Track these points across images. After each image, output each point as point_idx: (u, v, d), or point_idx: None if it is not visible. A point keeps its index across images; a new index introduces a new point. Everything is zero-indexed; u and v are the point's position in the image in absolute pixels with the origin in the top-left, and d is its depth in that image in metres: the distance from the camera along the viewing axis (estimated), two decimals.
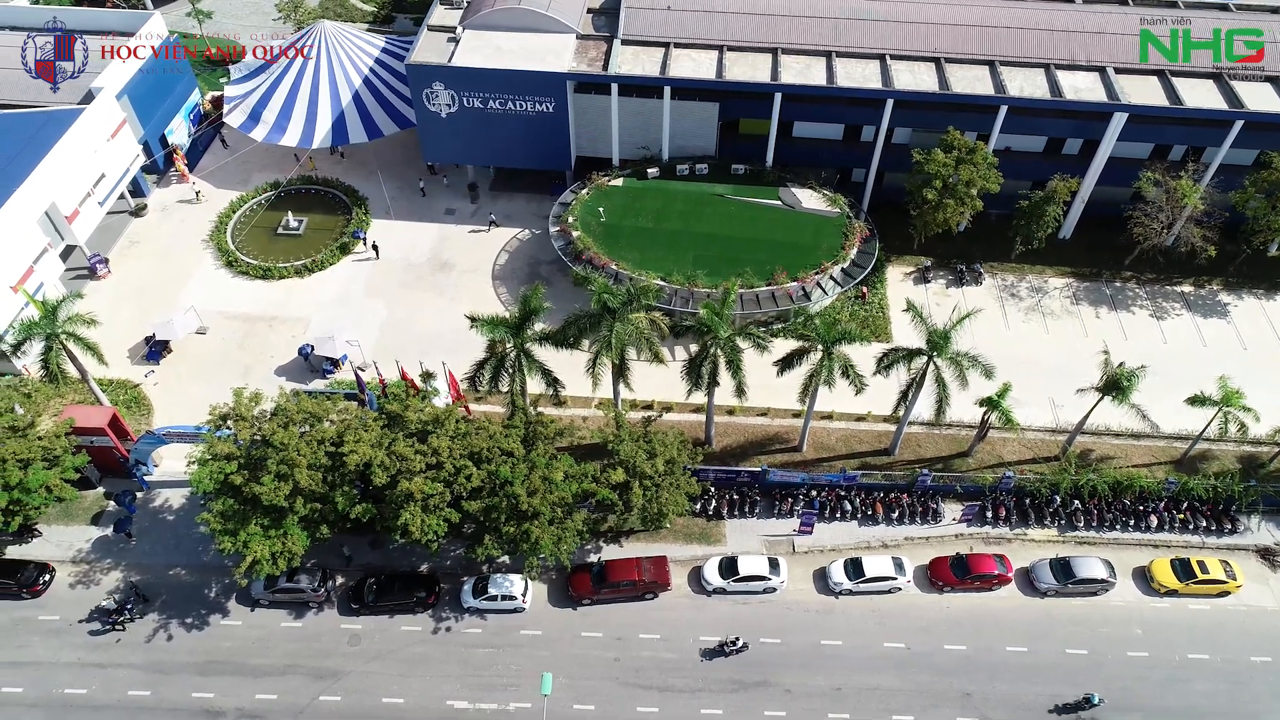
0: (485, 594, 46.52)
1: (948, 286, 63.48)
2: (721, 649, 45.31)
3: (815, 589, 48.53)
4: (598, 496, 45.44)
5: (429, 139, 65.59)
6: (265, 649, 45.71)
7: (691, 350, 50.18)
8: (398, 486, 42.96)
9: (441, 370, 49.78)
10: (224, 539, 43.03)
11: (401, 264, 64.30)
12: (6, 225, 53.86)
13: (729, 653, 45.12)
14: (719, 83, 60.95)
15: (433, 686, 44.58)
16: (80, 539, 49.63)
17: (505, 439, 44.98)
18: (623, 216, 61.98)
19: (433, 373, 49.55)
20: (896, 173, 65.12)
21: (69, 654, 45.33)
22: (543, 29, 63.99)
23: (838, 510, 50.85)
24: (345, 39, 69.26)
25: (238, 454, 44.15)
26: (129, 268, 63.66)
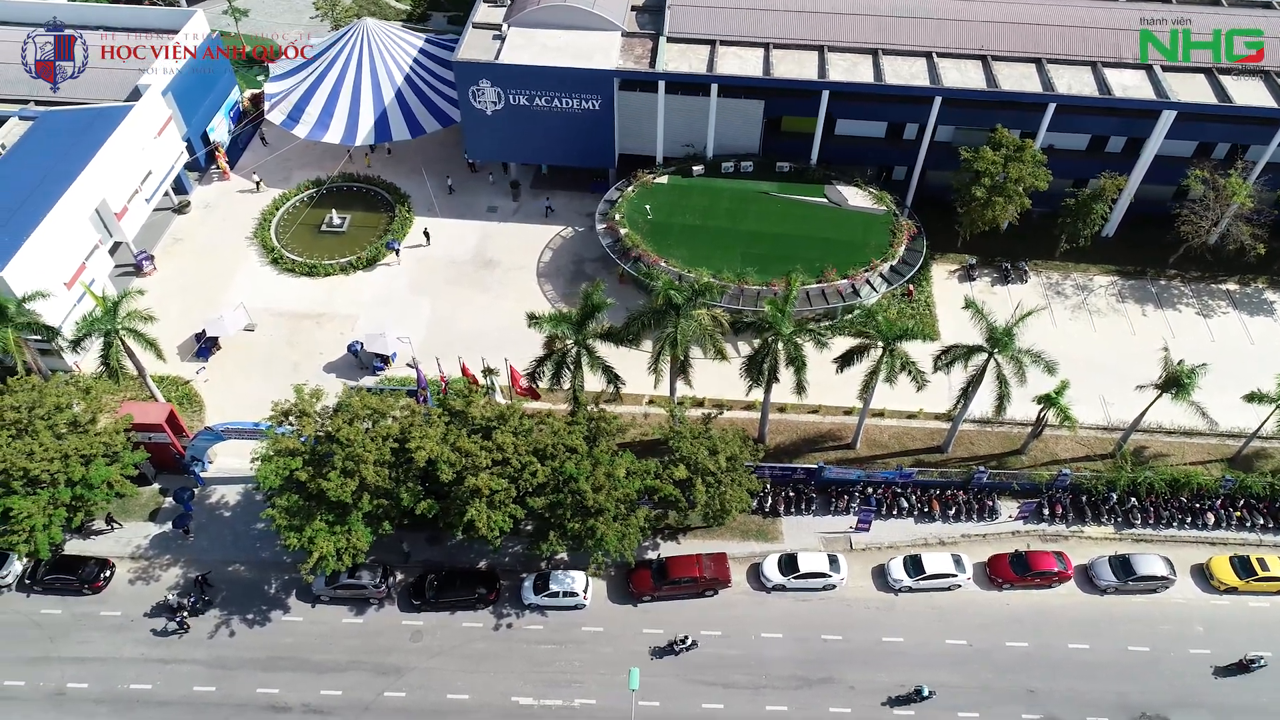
0: (547, 590, 46.51)
1: (993, 284, 63.43)
2: (671, 648, 45.11)
3: (874, 586, 48.51)
4: (660, 493, 45.41)
5: (473, 136, 65.59)
6: (328, 645, 45.72)
7: (747, 348, 50.19)
8: (464, 482, 42.95)
9: (504, 366, 49.70)
10: (289, 535, 43.03)
11: (446, 261, 64.31)
12: (61, 221, 53.93)
13: (679, 651, 44.95)
14: (767, 80, 60.95)
15: (497, 683, 44.59)
16: (138, 535, 49.67)
17: (569, 435, 45.00)
18: (669, 214, 61.97)
19: (495, 369, 49.53)
20: (938, 171, 65.30)
21: (132, 649, 45.37)
22: (588, 26, 64.00)
23: (894, 507, 50.84)
24: (387, 36, 69.29)
25: (302, 450, 44.17)
26: (174, 265, 63.70)
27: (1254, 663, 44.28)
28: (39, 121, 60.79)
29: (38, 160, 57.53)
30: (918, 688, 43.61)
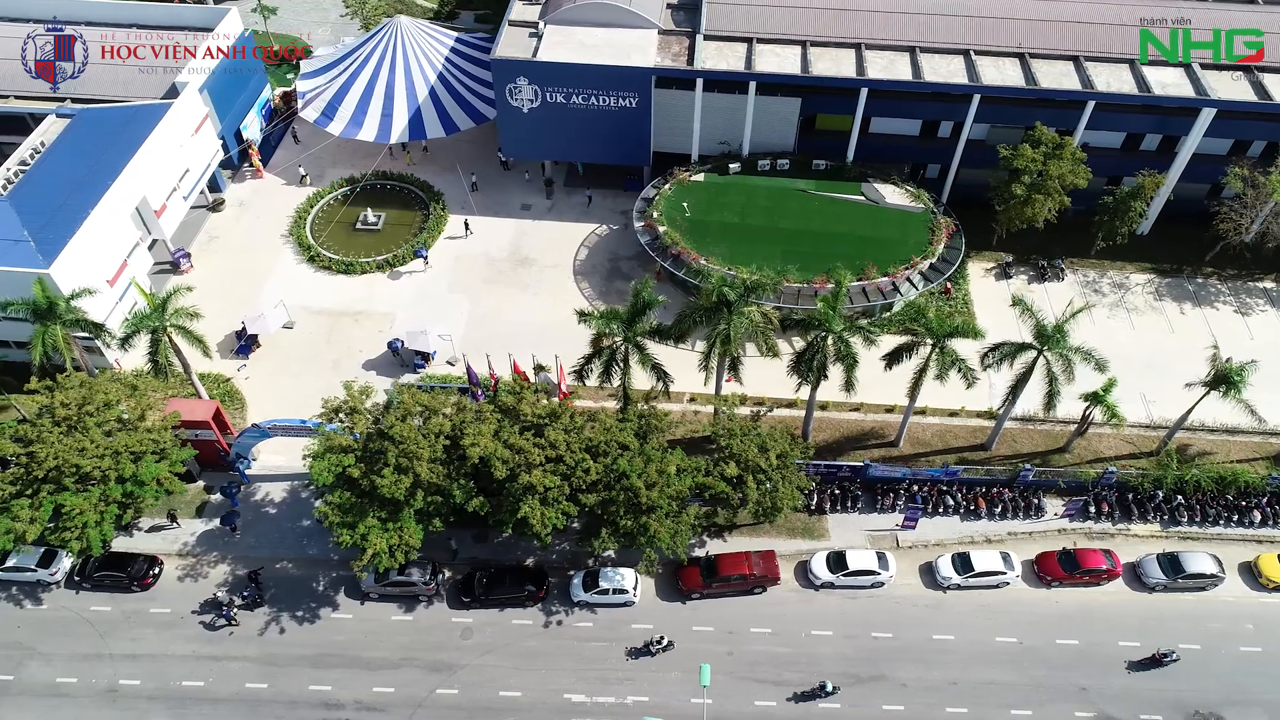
0: (597, 588, 46.48)
1: (1029, 282, 63.33)
2: (647, 648, 44.94)
3: (922, 583, 48.48)
4: (712, 490, 45.38)
5: (509, 134, 65.56)
6: (378, 642, 45.69)
7: (786, 346, 50.14)
8: (517, 479, 42.92)
9: (554, 363, 49.64)
10: (342, 532, 43.02)
11: (482, 259, 64.26)
12: (105, 218, 53.94)
13: (655, 652, 44.80)
14: (807, 78, 60.87)
15: (548, 680, 44.57)
16: (185, 532, 49.65)
17: (620, 432, 44.97)
18: (707, 212, 61.93)
19: (545, 365, 49.49)
20: (970, 168, 65.28)
21: (182, 646, 45.36)
22: (625, 24, 63.97)
23: (939, 505, 50.80)
24: (421, 34, 69.26)
25: (354, 447, 44.15)
26: (209, 263, 63.63)
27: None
28: (77, 119, 60.82)
29: (78, 157, 57.59)
30: (821, 683, 43.51)
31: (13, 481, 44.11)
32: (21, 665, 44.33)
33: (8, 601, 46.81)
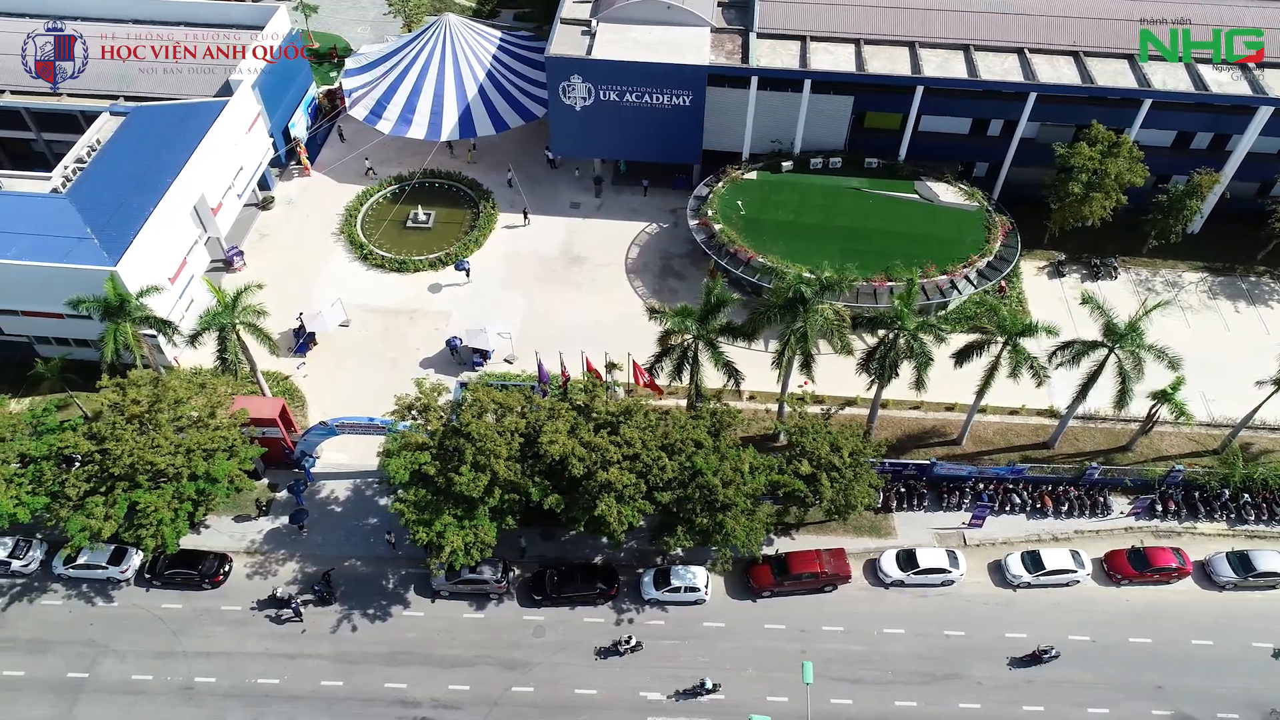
0: (668, 585, 46.43)
1: (1082, 280, 63.28)
2: (615, 648, 44.88)
3: (992, 581, 48.42)
4: (786, 488, 45.33)
5: (560, 132, 65.49)
6: (450, 640, 45.66)
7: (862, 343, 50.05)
8: (594, 477, 42.86)
9: (626, 361, 49.57)
10: (419, 529, 42.97)
11: (534, 257, 64.21)
12: (167, 216, 53.94)
13: (623, 652, 44.73)
14: (862, 76, 60.81)
15: (622, 678, 44.53)
16: (252, 530, 49.63)
17: (693, 429, 44.93)
18: (761, 210, 61.86)
19: (618, 363, 49.44)
20: (1019, 167, 65.20)
21: (255, 644, 45.33)
22: (677, 22, 63.92)
23: (1006, 503, 50.74)
24: (470, 32, 69.20)
25: (430, 444, 44.11)
26: (261, 261, 63.55)
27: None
28: (131, 117, 60.78)
29: (135, 155, 57.52)
30: (701, 680, 43.55)
31: (87, 479, 44.16)
32: (96, 663, 44.33)
33: (79, 599, 46.79)
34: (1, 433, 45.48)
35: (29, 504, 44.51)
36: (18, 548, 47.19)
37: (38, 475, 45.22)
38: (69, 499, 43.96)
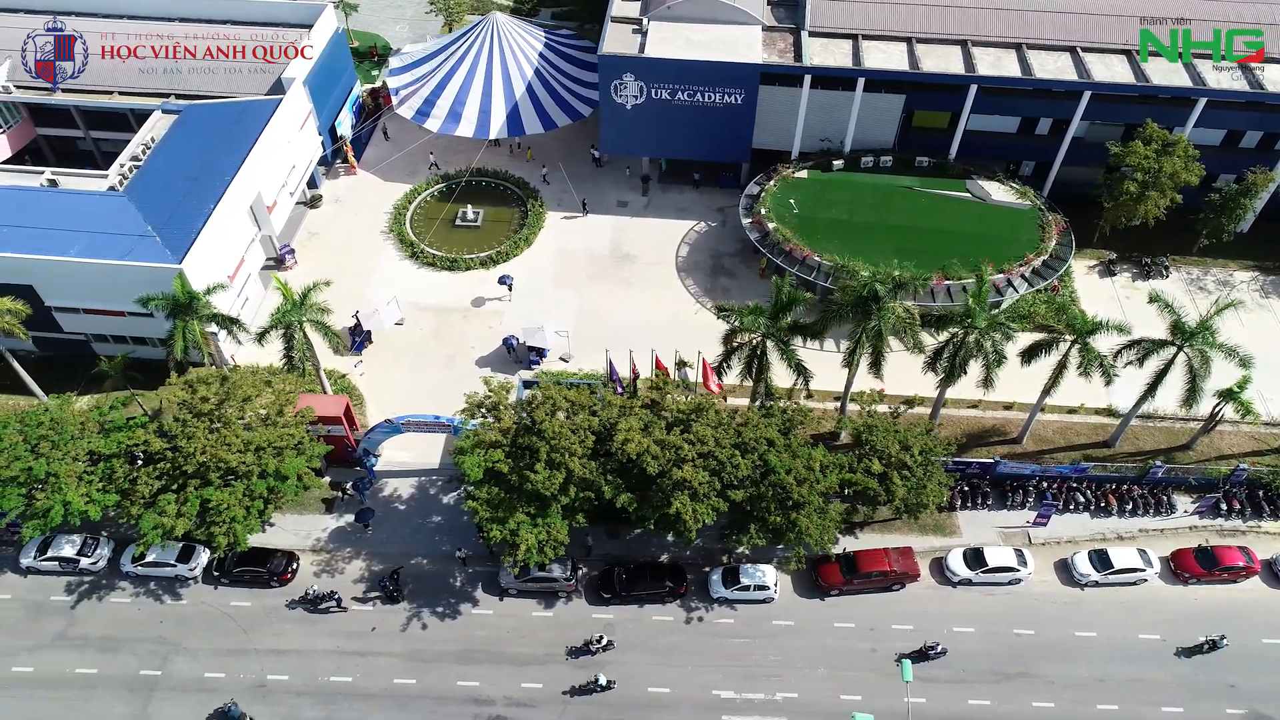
0: (738, 584, 46.38)
1: (1133, 279, 63.22)
2: (587, 647, 44.75)
3: (1059, 580, 48.36)
4: (858, 486, 45.29)
5: (610, 131, 65.44)
6: (521, 638, 45.64)
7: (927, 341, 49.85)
8: (669, 475, 42.82)
9: (696, 359, 49.49)
10: (493, 527, 42.96)
11: (584, 255, 64.19)
12: (228, 214, 53.97)
13: (594, 651, 44.65)
14: (917, 74, 60.76)
15: (694, 676, 44.49)
16: (316, 528, 49.63)
17: (765, 428, 44.90)
18: (813, 209, 61.78)
19: (688, 361, 49.39)
20: (1067, 165, 65.10)
21: (326, 641, 45.32)
22: (729, 20, 63.89)
23: (1070, 502, 50.69)
24: (517, 30, 69.16)
25: (503, 442, 44.08)
26: (311, 259, 63.50)
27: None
28: (184, 115, 60.84)
29: (190, 153, 57.60)
30: (595, 676, 43.22)
31: (159, 477, 44.18)
32: (168, 660, 44.33)
33: (147, 597, 46.80)
34: (70, 430, 45.47)
35: (100, 501, 44.63)
36: (86, 545, 47.21)
37: (108, 473, 45.28)
38: (141, 497, 44.01)
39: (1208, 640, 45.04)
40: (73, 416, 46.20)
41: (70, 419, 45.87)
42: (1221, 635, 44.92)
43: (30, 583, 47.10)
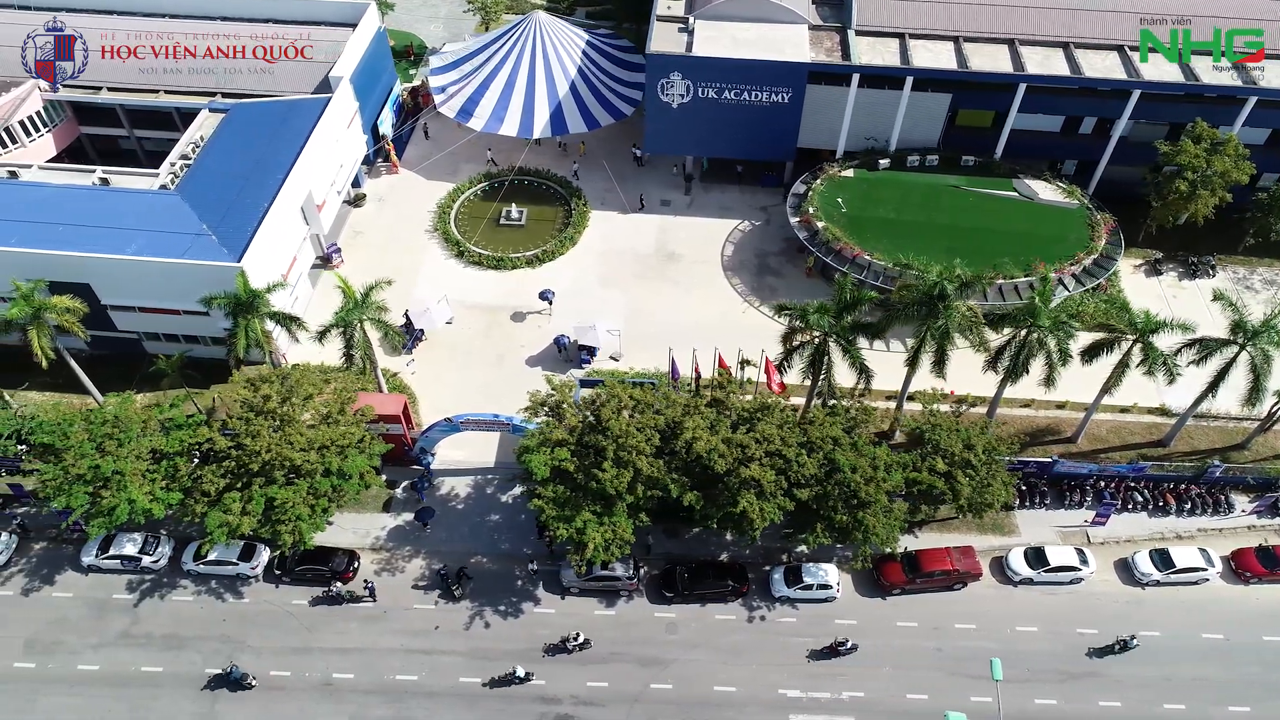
0: (800, 583, 46.34)
1: (1180, 279, 63.16)
2: (564, 645, 44.75)
3: (1119, 579, 48.31)
4: (923, 485, 45.24)
5: (655, 130, 65.38)
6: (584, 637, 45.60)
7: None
8: (736, 474, 42.79)
9: (759, 358, 49.43)
10: (559, 525, 42.93)
11: (630, 254, 64.13)
12: (282, 212, 53.97)
13: (572, 649, 44.69)
14: (965, 73, 60.72)
15: (760, 675, 44.46)
16: (375, 526, 49.62)
17: (830, 426, 44.85)
18: (861, 207, 61.70)
19: (751, 360, 49.36)
20: (1112, 165, 65.02)
21: (390, 640, 45.30)
22: (775, 19, 63.83)
23: (1128, 501, 50.64)
24: (559, 29, 69.13)
25: (569, 440, 44.05)
26: (357, 257, 63.44)
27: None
28: (232, 114, 60.85)
29: (240, 151, 57.59)
30: (512, 668, 43.23)
31: (223, 475, 44.16)
32: (233, 659, 44.25)
33: (209, 595, 46.80)
34: (135, 429, 45.45)
35: (163, 500, 44.63)
36: (147, 544, 47.21)
37: (171, 471, 45.30)
38: (205, 495, 44.03)
39: (1119, 641, 44.96)
40: (136, 415, 46.17)
41: (134, 417, 45.85)
42: (1132, 635, 44.81)
43: (91, 581, 47.11)
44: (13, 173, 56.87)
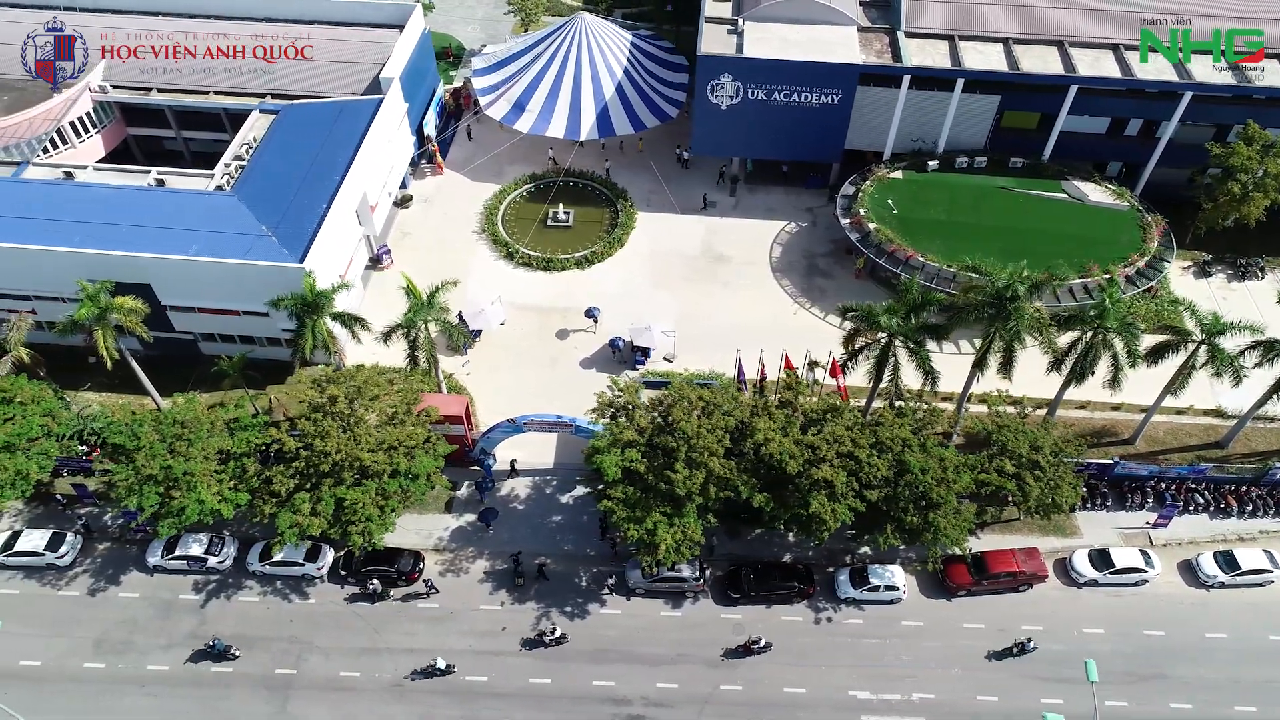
0: (866, 584, 46.34)
1: (1229, 280, 63.14)
2: (540, 639, 44.93)
3: (1183, 581, 48.28)
4: (992, 486, 45.23)
5: (703, 131, 65.40)
6: (652, 638, 45.59)
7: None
8: (808, 475, 42.80)
9: (813, 359, 49.53)
10: (630, 526, 42.95)
11: (678, 256, 64.16)
12: (341, 213, 54.04)
13: (549, 643, 44.79)
14: (1019, 75, 60.75)
15: (828, 676, 44.47)
16: (437, 527, 49.64)
17: (899, 427, 44.86)
18: (911, 209, 61.70)
19: (819, 361, 49.40)
20: (1159, 167, 65.02)
21: (457, 641, 45.31)
22: (824, 20, 63.89)
23: (1189, 503, 50.62)
24: (604, 31, 69.19)
25: (639, 441, 44.06)
26: (406, 259, 63.40)
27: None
28: (283, 115, 60.88)
29: (294, 152, 57.61)
30: (433, 660, 43.62)
31: (292, 475, 44.20)
32: (302, 659, 44.36)
33: (274, 596, 46.83)
34: (204, 430, 45.52)
35: (232, 500, 44.72)
36: (212, 544, 47.25)
37: (239, 471, 45.38)
38: (275, 496, 44.10)
39: (1016, 644, 44.90)
40: (204, 416, 46.22)
41: (202, 418, 45.92)
42: (1029, 639, 44.79)
43: (157, 581, 47.16)
44: (69, 173, 57.04)
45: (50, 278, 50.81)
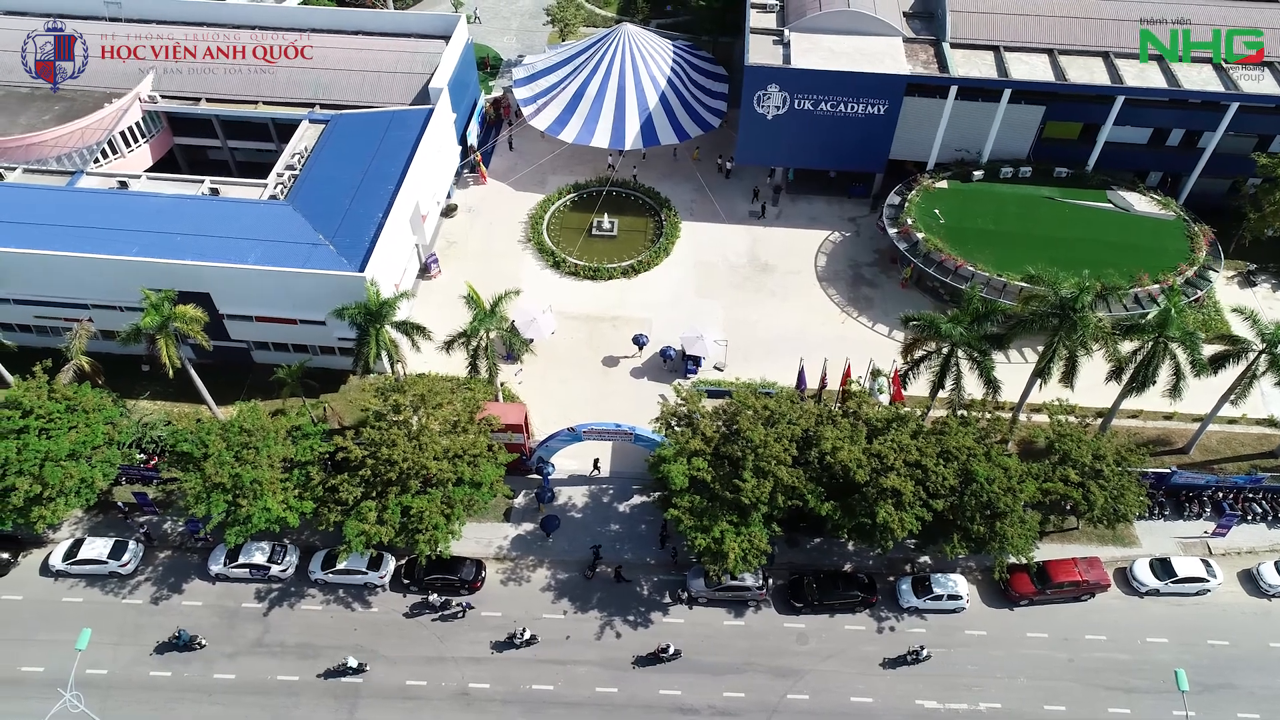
0: (930, 594, 46.34)
1: (1274, 290, 63.29)
2: (511, 641, 44.94)
3: (1244, 590, 48.25)
4: (1056, 494, 45.28)
5: (748, 141, 65.65)
6: (716, 647, 45.57)
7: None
8: (876, 483, 42.86)
9: (869, 367, 49.67)
10: (697, 535, 43.00)
11: (723, 266, 64.36)
12: (397, 222, 54.27)
13: (519, 644, 44.81)
14: (1065, 85, 61.00)
15: (894, 685, 44.41)
16: (497, 535, 49.68)
17: (963, 436, 44.94)
18: (959, 218, 61.90)
19: (882, 370, 49.51)
20: (1201, 176, 65.29)
21: (522, 650, 45.23)
22: (870, 31, 64.22)
23: (1247, 512, 50.64)
24: (647, 41, 69.55)
25: (706, 450, 44.14)
26: (453, 267, 63.72)
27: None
28: (334, 124, 61.22)
29: (347, 162, 57.91)
30: (344, 659, 43.58)
31: (359, 484, 44.28)
32: (367, 668, 44.30)
33: (337, 604, 46.85)
34: (270, 438, 45.61)
35: (297, 508, 44.82)
36: (275, 552, 47.30)
37: (304, 479, 45.48)
38: (341, 504, 44.19)
39: (910, 651, 44.97)
40: (269, 425, 46.34)
41: (268, 426, 46.03)
42: (922, 646, 44.86)
43: (219, 590, 47.20)
44: (123, 183, 57.32)
45: (111, 286, 51.01)
